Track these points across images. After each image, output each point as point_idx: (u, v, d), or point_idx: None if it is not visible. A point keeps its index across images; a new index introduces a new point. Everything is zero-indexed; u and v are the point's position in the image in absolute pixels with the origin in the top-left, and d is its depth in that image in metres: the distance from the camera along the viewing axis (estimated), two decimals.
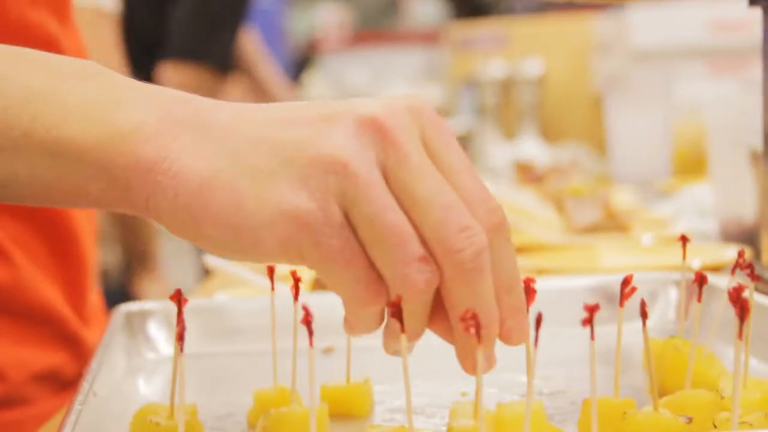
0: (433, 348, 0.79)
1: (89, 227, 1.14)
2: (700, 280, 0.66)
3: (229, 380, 0.80)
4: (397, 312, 0.56)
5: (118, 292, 2.35)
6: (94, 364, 0.70)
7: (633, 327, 0.70)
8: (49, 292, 1.06)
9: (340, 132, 0.56)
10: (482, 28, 2.86)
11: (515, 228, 1.36)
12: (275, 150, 0.57)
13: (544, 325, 0.56)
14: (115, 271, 2.88)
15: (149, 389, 0.78)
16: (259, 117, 0.59)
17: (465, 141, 2.18)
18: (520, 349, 0.60)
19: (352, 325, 0.58)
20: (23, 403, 1.03)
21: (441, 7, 6.89)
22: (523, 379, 0.67)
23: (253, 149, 0.57)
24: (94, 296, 1.16)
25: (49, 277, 1.07)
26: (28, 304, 1.04)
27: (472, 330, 0.56)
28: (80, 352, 1.08)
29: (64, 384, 1.06)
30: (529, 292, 0.58)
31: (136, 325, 0.84)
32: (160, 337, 0.84)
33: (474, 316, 0.56)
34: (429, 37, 5.45)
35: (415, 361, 0.61)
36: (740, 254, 0.70)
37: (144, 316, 0.84)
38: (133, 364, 0.81)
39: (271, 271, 0.74)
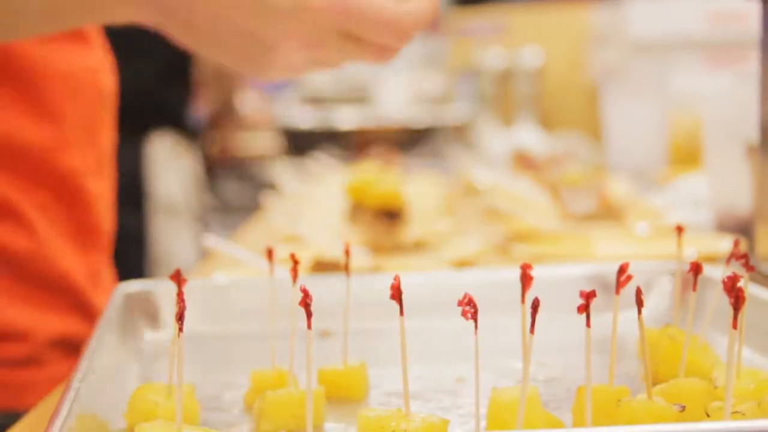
0: (431, 333, 0.79)
1: (106, 197, 1.16)
2: (696, 269, 0.66)
3: (227, 361, 0.80)
4: (397, 294, 0.57)
5: None
6: (93, 342, 0.70)
7: (628, 316, 0.69)
8: (67, 261, 1.09)
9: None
10: (482, 17, 2.85)
11: (512, 215, 1.35)
12: None
13: (540, 311, 0.56)
14: None
15: (147, 368, 0.77)
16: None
17: (463, 129, 2.17)
18: (516, 335, 0.60)
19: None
20: (40, 365, 1.06)
21: None
22: (519, 365, 0.67)
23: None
24: (108, 265, 1.18)
25: (69, 245, 1.09)
26: (48, 272, 1.08)
27: (469, 316, 0.56)
28: (93, 320, 1.09)
29: (77, 348, 1.08)
30: (526, 278, 0.58)
31: (135, 304, 0.83)
32: (159, 316, 0.83)
33: (470, 302, 0.56)
34: (429, 25, 5.44)
35: (412, 346, 0.61)
36: (735, 244, 0.70)
37: (143, 295, 0.84)
38: (132, 343, 0.80)
39: (270, 254, 0.74)
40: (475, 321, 0.56)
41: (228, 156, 4.04)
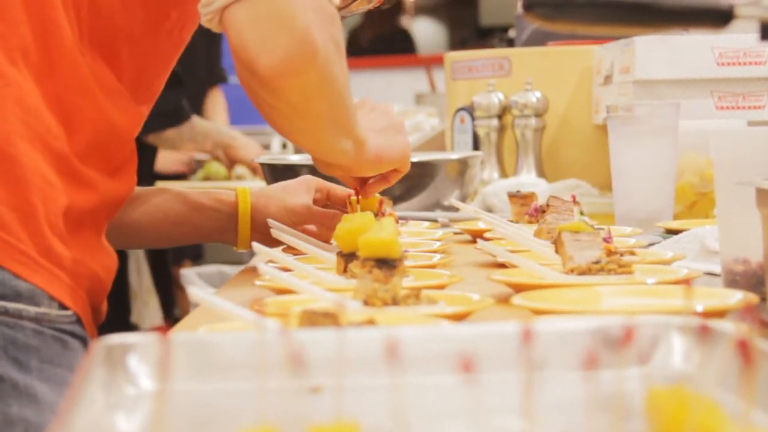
0: (427, 389, 0.79)
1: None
2: (704, 325, 0.67)
3: (212, 419, 0.80)
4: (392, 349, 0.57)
5: None
6: (71, 398, 0.70)
7: (634, 373, 0.70)
8: None
9: None
10: (482, 56, 2.86)
11: (512, 265, 1.36)
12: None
13: (541, 368, 0.56)
14: None
15: (129, 426, 0.78)
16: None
17: (461, 173, 2.18)
18: (515, 392, 0.60)
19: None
20: None
21: (443, 32, 6.92)
22: (517, 424, 0.68)
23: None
24: None
25: None
26: None
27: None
28: None
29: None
30: (527, 336, 0.59)
31: (116, 358, 0.83)
32: (141, 371, 0.84)
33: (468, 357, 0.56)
34: (428, 63, 5.48)
35: (408, 403, 0.61)
36: (746, 300, 0.71)
37: (125, 349, 0.84)
38: (112, 400, 0.81)
39: (258, 307, 0.75)
40: (474, 377, 0.57)
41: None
